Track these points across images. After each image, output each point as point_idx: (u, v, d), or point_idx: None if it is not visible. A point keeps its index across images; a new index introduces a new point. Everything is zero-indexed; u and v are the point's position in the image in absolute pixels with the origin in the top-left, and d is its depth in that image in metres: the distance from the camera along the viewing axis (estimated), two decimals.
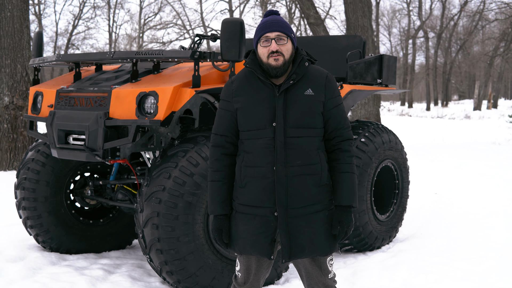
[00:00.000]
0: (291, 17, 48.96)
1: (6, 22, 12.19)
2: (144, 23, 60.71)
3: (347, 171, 3.75)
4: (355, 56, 7.53)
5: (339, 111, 3.77)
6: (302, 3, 20.42)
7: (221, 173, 3.77)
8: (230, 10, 51.96)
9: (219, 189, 3.76)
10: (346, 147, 3.77)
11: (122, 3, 70.07)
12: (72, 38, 61.30)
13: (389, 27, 73.12)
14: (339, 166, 3.75)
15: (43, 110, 6.35)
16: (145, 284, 5.90)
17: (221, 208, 3.76)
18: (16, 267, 6.21)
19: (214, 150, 3.79)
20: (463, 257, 6.66)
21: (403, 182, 7.67)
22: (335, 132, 3.75)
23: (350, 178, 3.75)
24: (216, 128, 3.81)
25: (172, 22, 55.19)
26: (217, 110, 3.84)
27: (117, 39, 65.05)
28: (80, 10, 59.41)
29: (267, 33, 3.66)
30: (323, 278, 3.82)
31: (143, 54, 5.56)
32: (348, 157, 3.76)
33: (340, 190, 3.74)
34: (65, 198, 6.92)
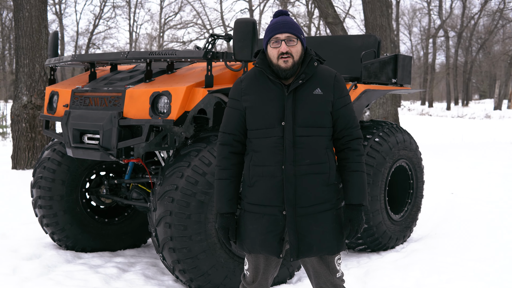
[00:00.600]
0: (311, 16, 48.96)
1: (24, 22, 12.27)
2: (165, 22, 60.93)
3: (357, 170, 3.78)
4: (369, 56, 7.54)
5: (348, 110, 3.79)
6: (320, 2, 20.38)
7: (228, 171, 3.80)
8: (250, 9, 52.00)
9: (226, 187, 3.80)
10: (356, 146, 3.80)
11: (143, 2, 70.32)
12: (93, 37, 61.65)
13: (410, 26, 72.88)
14: (349, 165, 3.78)
15: (59, 110, 6.41)
16: (158, 283, 5.95)
17: (228, 206, 3.80)
18: (31, 265, 6.28)
19: (222, 149, 3.83)
20: (476, 258, 6.65)
21: (418, 182, 7.66)
22: (344, 131, 3.78)
23: (360, 177, 3.78)
24: (224, 127, 3.84)
25: (192, 22, 55.37)
26: (226, 109, 3.88)
27: (138, 39, 65.33)
28: (100, 9, 59.74)
29: (277, 34, 3.70)
30: (331, 277, 3.85)
31: (157, 54, 5.60)
32: (357, 156, 3.79)
33: (350, 189, 3.78)
34: (81, 196, 6.99)
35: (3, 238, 7.40)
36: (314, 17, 47.73)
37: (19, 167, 12.35)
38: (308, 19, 50.40)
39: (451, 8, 63.47)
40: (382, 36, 18.54)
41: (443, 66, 73.28)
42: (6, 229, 7.82)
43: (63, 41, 58.57)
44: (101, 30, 63.49)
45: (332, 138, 3.82)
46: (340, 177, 3.83)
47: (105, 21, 63.29)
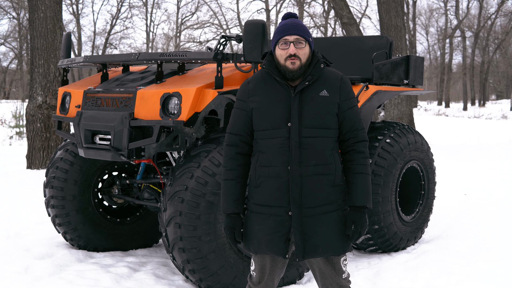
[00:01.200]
0: (327, 16, 48.88)
1: (39, 23, 12.38)
2: (181, 22, 61.03)
3: (362, 172, 3.80)
4: (381, 57, 7.54)
5: (353, 112, 3.82)
6: (336, 3, 20.39)
7: (235, 172, 3.83)
8: (267, 9, 51.96)
9: (232, 188, 3.83)
10: (361, 148, 3.82)
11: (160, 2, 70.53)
12: (110, 37, 61.91)
13: (427, 26, 72.70)
14: (354, 167, 3.80)
15: (71, 110, 6.47)
16: (168, 282, 5.99)
17: (234, 206, 3.82)
18: (43, 264, 6.34)
19: (228, 149, 3.86)
20: (487, 259, 6.63)
21: (429, 183, 7.66)
22: (350, 134, 3.81)
23: (364, 179, 3.80)
24: (231, 128, 3.87)
25: (209, 22, 55.40)
26: (233, 110, 3.91)
27: (155, 39, 65.51)
28: (117, 9, 59.99)
29: (286, 36, 3.73)
30: (337, 278, 3.87)
31: (167, 56, 5.64)
32: (362, 158, 3.81)
33: (354, 191, 3.79)
34: (93, 196, 7.04)
35: (16, 237, 7.47)
36: (330, 17, 47.60)
37: (34, 166, 12.47)
38: (324, 20, 50.34)
39: (467, 8, 63.31)
40: (397, 36, 18.53)
41: (460, 66, 73.04)
42: (20, 229, 7.90)
43: (80, 41, 58.89)
44: (118, 30, 63.78)
45: (338, 140, 3.85)
46: (344, 178, 3.86)
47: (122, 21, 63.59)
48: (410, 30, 60.42)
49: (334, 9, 20.80)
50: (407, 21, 58.63)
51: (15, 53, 66.68)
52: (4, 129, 24.46)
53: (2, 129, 24.60)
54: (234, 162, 3.84)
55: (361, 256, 7.08)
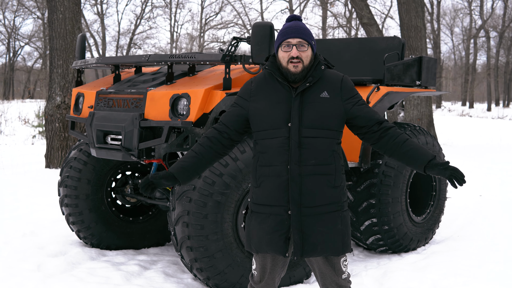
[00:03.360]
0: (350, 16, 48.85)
1: (58, 24, 12.52)
2: (205, 22, 61.17)
3: (406, 139, 3.85)
4: (393, 58, 7.56)
5: (361, 106, 3.88)
6: (356, 4, 20.42)
7: (201, 148, 3.90)
8: (291, 9, 52.02)
9: (189, 159, 3.88)
10: (388, 125, 3.89)
11: (184, 3, 70.71)
12: (134, 37, 62.19)
13: (451, 26, 72.32)
14: (398, 140, 3.84)
15: (84, 111, 6.58)
16: (177, 281, 6.07)
17: (176, 170, 3.85)
18: (56, 261, 6.44)
19: (211, 131, 3.95)
20: (496, 260, 6.63)
21: (441, 184, 7.68)
22: (370, 122, 3.87)
23: (411, 142, 3.85)
24: (223, 117, 3.97)
25: (232, 22, 55.53)
26: (231, 104, 3.98)
27: (179, 39, 65.72)
28: (142, 9, 60.25)
29: (289, 39, 3.80)
30: (337, 278, 3.92)
31: (177, 58, 5.73)
32: (396, 130, 3.88)
33: (416, 155, 3.81)
34: (106, 195, 7.15)
35: (31, 235, 7.59)
36: (354, 17, 47.56)
37: (52, 166, 12.62)
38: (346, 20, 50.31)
39: (492, 8, 62.90)
40: (417, 36, 18.53)
41: (484, 66, 72.64)
42: (35, 227, 8.03)
43: (104, 41, 59.27)
44: (142, 30, 64.06)
45: (363, 134, 3.91)
46: (345, 180, 3.91)
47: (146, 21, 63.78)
48: (434, 30, 60.22)
49: (355, 10, 20.82)
50: (431, 21, 58.46)
51: (39, 53, 67.26)
52: (27, 128, 24.67)
53: (25, 128, 24.82)
54: (208, 142, 3.90)
55: (371, 257, 7.12)
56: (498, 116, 46.12)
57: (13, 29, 66.01)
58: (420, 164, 3.81)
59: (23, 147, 18.59)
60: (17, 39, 67.44)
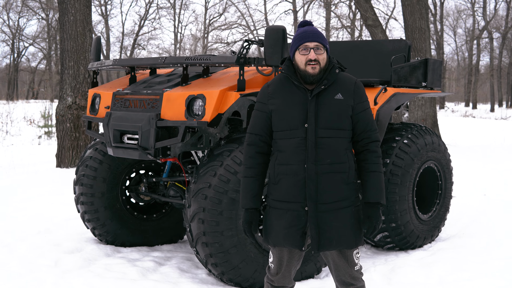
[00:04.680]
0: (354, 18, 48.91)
1: (69, 26, 12.71)
2: (209, 23, 61.23)
3: (375, 171, 4.05)
4: (399, 60, 7.74)
5: (367, 114, 4.07)
6: (361, 6, 20.59)
7: (254, 170, 4.10)
8: (294, 10, 52.07)
9: (252, 185, 4.10)
10: (374, 148, 4.07)
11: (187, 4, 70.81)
12: (138, 38, 62.33)
13: (454, 27, 72.40)
14: (367, 166, 4.06)
15: (101, 111, 6.75)
16: (192, 276, 6.26)
17: (252, 202, 4.09)
18: (73, 258, 6.63)
19: (248, 149, 4.13)
20: (501, 256, 6.81)
21: (446, 183, 7.86)
22: (363, 134, 4.06)
23: (377, 177, 4.05)
24: (251, 128, 4.14)
25: (236, 23, 55.56)
26: (253, 111, 4.18)
27: (182, 40, 65.85)
28: (146, 10, 60.38)
29: (306, 43, 4.00)
30: (350, 269, 4.11)
31: (192, 60, 5.91)
32: (375, 158, 4.06)
33: (368, 188, 4.05)
34: (121, 194, 7.33)
35: (47, 233, 7.77)
36: (357, 18, 47.64)
37: (63, 165, 12.79)
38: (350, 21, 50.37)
39: (495, 9, 62.93)
40: (421, 38, 18.66)
41: (487, 67, 72.67)
42: (50, 224, 8.21)
43: (108, 42, 59.37)
44: (146, 31, 64.22)
45: (352, 140, 4.10)
46: (357, 177, 4.11)
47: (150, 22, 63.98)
48: (437, 31, 60.29)
49: (359, 12, 20.98)
50: (435, 22, 58.53)
51: (43, 53, 67.43)
52: (33, 128, 24.82)
53: (31, 129, 24.97)
54: (253, 160, 4.10)
55: (378, 253, 7.30)
56: (501, 116, 46.15)
57: (17, 30, 66.24)
58: (364, 197, 4.09)
59: (31, 147, 18.73)
60: (21, 39, 67.67)
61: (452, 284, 6.00)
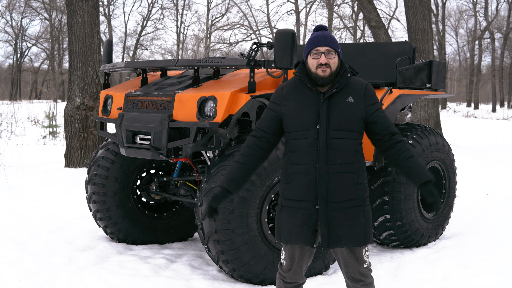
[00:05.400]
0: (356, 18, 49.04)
1: (77, 28, 12.86)
2: (211, 24, 61.37)
3: (410, 156, 4.22)
4: (404, 62, 7.90)
5: (381, 113, 4.24)
6: (364, 7, 20.73)
7: (245, 158, 4.27)
8: (296, 11, 52.20)
9: (236, 170, 4.27)
10: (399, 138, 4.25)
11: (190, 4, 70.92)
12: (141, 38, 62.47)
13: (456, 27, 72.49)
14: (402, 155, 4.21)
15: (113, 112, 6.91)
16: (203, 272, 6.43)
17: (227, 183, 4.26)
18: (86, 255, 6.80)
19: (250, 139, 4.31)
20: (504, 254, 6.95)
21: (450, 182, 8.02)
22: (384, 131, 4.22)
23: (415, 160, 4.23)
24: (259, 123, 4.32)
25: (239, 23, 55.71)
26: (265, 109, 4.34)
27: (185, 40, 65.97)
28: (148, 11, 60.52)
29: (317, 47, 4.17)
30: (359, 267, 4.27)
31: (204, 62, 6.07)
32: (405, 145, 4.24)
33: (414, 173, 4.22)
34: (132, 193, 7.49)
35: (59, 231, 7.93)
36: (359, 18, 47.80)
37: (71, 165, 12.94)
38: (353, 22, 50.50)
39: (497, 10, 63.08)
40: (424, 39, 18.79)
41: (489, 68, 72.77)
42: (61, 223, 8.37)
43: None
44: (149, 32, 64.35)
45: (375, 141, 4.29)
46: (366, 177, 4.27)
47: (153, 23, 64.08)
48: (439, 31, 60.38)
49: (362, 13, 21.13)
50: (436, 23, 58.64)
51: (46, 53, 67.60)
52: (38, 129, 24.93)
53: (35, 129, 25.08)
54: (249, 150, 4.28)
55: (384, 251, 7.46)
56: (503, 117, 46.22)
57: (20, 30, 66.43)
58: (416, 183, 4.25)
59: (37, 147, 18.84)
60: (24, 40, 67.86)
61: (456, 281, 6.16)
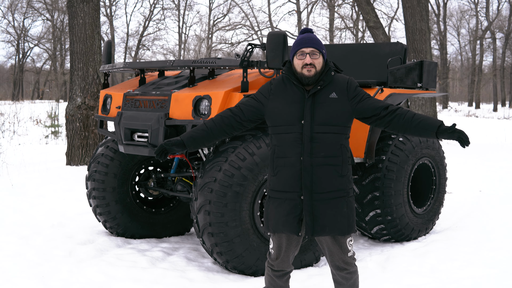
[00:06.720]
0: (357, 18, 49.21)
1: (78, 29, 13.11)
2: (213, 24, 61.53)
3: (413, 115, 4.41)
4: (395, 62, 8.12)
5: (367, 98, 4.46)
6: (362, 8, 20.95)
7: (213, 124, 4.56)
8: (298, 11, 52.37)
9: (200, 131, 4.56)
10: (394, 107, 4.44)
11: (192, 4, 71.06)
12: (143, 39, 62.65)
13: (458, 27, 72.64)
14: (406, 118, 4.38)
15: (112, 111, 7.15)
16: (198, 264, 6.68)
17: (186, 137, 4.55)
18: (86, 248, 7.03)
19: (226, 111, 4.60)
20: (490, 248, 7.17)
21: (440, 178, 8.23)
22: (378, 110, 4.43)
23: (419, 116, 4.40)
24: (240, 104, 4.60)
25: (240, 24, 55.88)
26: (251, 97, 4.59)
27: (187, 40, 66.15)
28: (150, 11, 60.69)
29: (303, 48, 4.42)
30: (343, 255, 4.50)
31: (199, 63, 6.31)
32: (402, 110, 4.43)
33: (426, 125, 4.35)
34: (131, 189, 7.73)
35: (60, 226, 8.15)
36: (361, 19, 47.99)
37: (73, 163, 13.18)
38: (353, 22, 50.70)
39: (498, 10, 63.24)
40: (422, 39, 19.01)
41: (490, 67, 72.88)
42: (62, 218, 8.59)
43: (113, 43, 59.59)
44: (150, 32, 64.56)
45: (374, 121, 4.46)
46: (351, 170, 4.50)
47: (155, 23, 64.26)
48: (441, 31, 60.57)
49: (361, 14, 21.34)
50: (438, 23, 58.81)
51: (48, 54, 67.79)
52: (40, 128, 25.14)
53: (38, 129, 25.29)
54: (220, 120, 4.56)
55: (375, 245, 7.69)
56: (504, 116, 46.31)
57: (23, 31, 66.64)
58: (432, 131, 4.36)
59: (39, 147, 19.07)
60: (26, 40, 68.07)
61: (443, 272, 6.37)
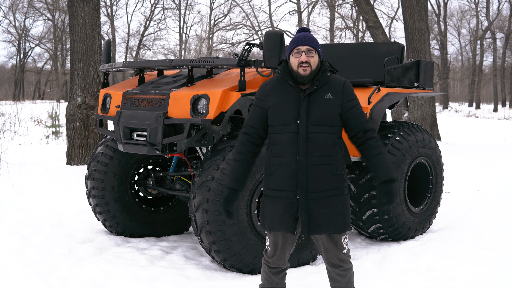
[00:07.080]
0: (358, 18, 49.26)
1: (79, 29, 13.16)
2: (214, 24, 61.58)
3: (379, 153, 4.47)
4: (392, 62, 8.18)
5: (356, 110, 4.51)
6: (361, 8, 20.99)
7: (242, 156, 4.56)
8: (299, 11, 52.42)
9: (237, 168, 4.56)
10: (372, 135, 4.50)
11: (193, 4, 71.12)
12: (144, 39, 62.71)
13: (458, 27, 72.69)
14: (371, 152, 4.47)
15: (111, 110, 7.20)
16: (196, 263, 6.73)
17: (233, 182, 4.56)
18: (85, 247, 7.08)
19: (242, 136, 4.60)
20: (486, 246, 7.23)
21: (437, 177, 8.29)
22: (358, 127, 4.49)
23: (382, 158, 4.48)
24: (248, 120, 4.61)
25: (241, 23, 55.92)
26: (251, 106, 4.65)
27: (188, 40, 66.23)
28: (151, 11, 60.76)
29: (298, 46, 4.46)
30: (338, 253, 4.56)
31: (197, 62, 6.36)
32: (375, 142, 4.49)
33: (379, 169, 4.46)
34: (130, 187, 7.79)
35: (60, 225, 8.20)
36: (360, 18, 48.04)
37: (73, 163, 13.23)
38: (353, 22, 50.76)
39: (498, 10, 63.34)
40: (421, 39, 19.07)
41: (491, 67, 72.92)
42: (62, 217, 8.64)
43: (114, 43, 59.69)
44: (151, 32, 64.61)
45: (350, 137, 4.55)
46: (345, 168, 4.56)
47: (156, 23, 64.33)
48: (441, 31, 60.60)
49: (360, 14, 21.39)
50: (438, 23, 58.84)
51: (50, 54, 67.83)
52: (41, 128, 25.18)
53: (38, 129, 25.33)
54: (244, 147, 4.57)
55: (372, 244, 7.75)
56: (504, 116, 46.35)
57: (24, 31, 66.71)
58: (378, 179, 4.49)
59: (39, 147, 19.12)
60: (27, 40, 68.15)
61: (439, 271, 6.43)
